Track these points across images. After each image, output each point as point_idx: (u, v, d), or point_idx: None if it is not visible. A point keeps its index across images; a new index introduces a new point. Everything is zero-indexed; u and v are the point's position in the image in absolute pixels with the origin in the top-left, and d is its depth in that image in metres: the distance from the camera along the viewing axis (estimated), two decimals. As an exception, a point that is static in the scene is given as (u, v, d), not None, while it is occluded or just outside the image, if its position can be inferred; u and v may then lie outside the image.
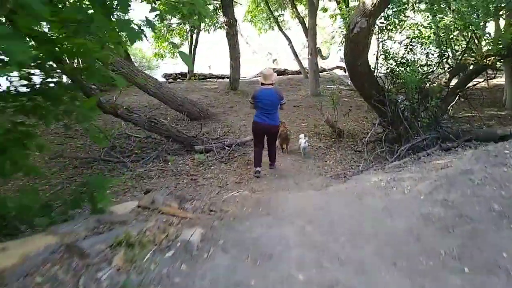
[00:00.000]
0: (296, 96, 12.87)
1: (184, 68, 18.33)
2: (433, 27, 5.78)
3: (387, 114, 6.18)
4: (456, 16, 5.36)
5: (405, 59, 6.46)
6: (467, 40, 5.92)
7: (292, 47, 16.45)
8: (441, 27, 5.71)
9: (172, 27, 17.12)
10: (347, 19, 13.50)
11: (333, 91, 8.38)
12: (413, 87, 5.84)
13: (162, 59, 19.05)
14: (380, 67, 6.52)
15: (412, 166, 4.84)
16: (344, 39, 5.84)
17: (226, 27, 12.01)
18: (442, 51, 6.32)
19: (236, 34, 12.22)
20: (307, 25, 13.99)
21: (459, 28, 5.52)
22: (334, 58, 26.92)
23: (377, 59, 6.54)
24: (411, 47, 6.48)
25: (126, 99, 12.00)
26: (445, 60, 6.49)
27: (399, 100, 6.46)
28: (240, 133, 8.67)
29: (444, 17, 5.36)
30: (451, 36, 6.03)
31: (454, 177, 3.32)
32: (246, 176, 6.02)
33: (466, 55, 6.24)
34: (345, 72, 20.40)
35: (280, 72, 19.37)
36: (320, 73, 17.62)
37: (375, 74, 6.44)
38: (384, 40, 6.47)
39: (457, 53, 6.49)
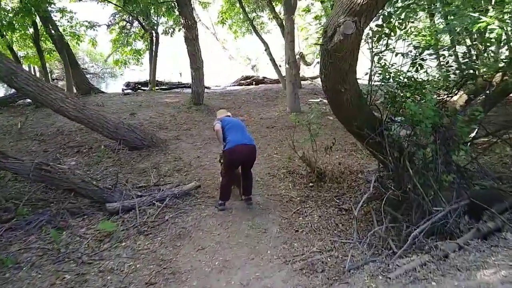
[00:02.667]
0: (271, 113, 10.72)
1: (147, 76, 16.02)
2: (461, 31, 3.72)
3: (387, 164, 4.06)
4: (501, 16, 3.31)
5: (412, 79, 4.35)
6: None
7: (269, 53, 14.31)
8: (476, 31, 3.59)
9: (131, 30, 14.84)
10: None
11: (310, 119, 6.20)
12: (427, 125, 3.72)
13: (126, 67, 16.75)
14: (375, 92, 4.38)
15: (440, 281, 2.71)
16: (319, 51, 3.71)
17: (183, 30, 9.80)
18: (469, 68, 4.23)
19: (197, 38, 10.03)
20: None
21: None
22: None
23: (370, 79, 4.41)
24: (421, 61, 4.37)
25: (58, 118, 9.69)
26: (471, 80, 4.39)
27: (399, 131, 4.37)
28: (189, 172, 6.46)
29: (482, 17, 3.29)
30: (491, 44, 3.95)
31: None
32: (169, 266, 3.82)
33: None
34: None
35: (258, 81, 17.27)
36: (302, 81, 15.60)
37: (368, 101, 4.30)
38: (381, 52, 4.34)
39: (490, 69, 4.38)
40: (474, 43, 4.19)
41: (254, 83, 16.95)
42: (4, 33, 11.34)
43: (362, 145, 4.39)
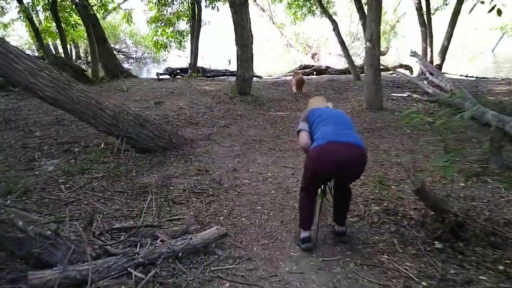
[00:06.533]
0: (342, 109, 7.87)
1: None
2: None
3: None
4: None
5: None
6: None
7: (338, 33, 11.46)
8: None
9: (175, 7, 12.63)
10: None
11: (450, 123, 3.29)
12: None
13: (166, 50, 14.64)
14: None
15: None
16: None
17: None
18: None
19: (246, 4, 7.50)
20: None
21: None
22: (394, 54, 21.38)
23: None
24: None
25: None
26: None
27: None
28: (214, 198, 3.91)
29: None
30: None
31: None
32: None
33: None
34: (411, 72, 14.98)
35: (320, 71, 14.39)
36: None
37: None
38: None
39: None
40: None
41: (314, 73, 14.09)
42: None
43: None
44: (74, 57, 17.67)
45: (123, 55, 19.71)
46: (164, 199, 3.84)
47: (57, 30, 10.88)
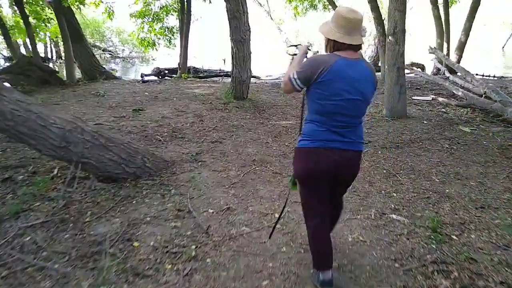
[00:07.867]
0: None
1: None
2: None
3: None
4: None
5: None
6: None
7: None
8: None
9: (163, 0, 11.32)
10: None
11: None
12: None
13: (154, 49, 13.30)
14: None
15: None
16: None
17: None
18: None
19: (242, -11, 6.20)
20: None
21: None
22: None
23: None
24: None
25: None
26: None
27: None
28: (199, 263, 2.62)
29: None
30: None
31: None
32: None
33: None
34: (422, 70, 13.76)
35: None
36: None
37: None
38: None
39: None
40: None
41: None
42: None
43: None
44: (54, 57, 16.30)
45: (109, 54, 18.37)
46: (122, 267, 2.55)
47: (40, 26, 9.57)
